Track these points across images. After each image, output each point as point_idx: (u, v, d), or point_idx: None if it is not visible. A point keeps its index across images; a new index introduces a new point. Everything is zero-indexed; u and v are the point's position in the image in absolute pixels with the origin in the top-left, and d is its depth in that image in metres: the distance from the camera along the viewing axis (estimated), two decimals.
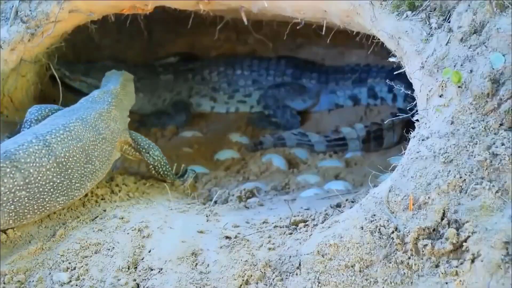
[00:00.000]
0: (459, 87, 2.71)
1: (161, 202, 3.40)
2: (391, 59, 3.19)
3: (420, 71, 2.90)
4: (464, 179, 2.56)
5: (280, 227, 3.04)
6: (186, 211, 3.33)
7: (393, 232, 2.60)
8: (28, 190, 2.89)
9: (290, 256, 2.77)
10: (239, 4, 3.73)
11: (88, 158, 3.13)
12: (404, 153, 2.85)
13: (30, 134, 3.03)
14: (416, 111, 2.95)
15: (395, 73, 3.15)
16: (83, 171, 3.10)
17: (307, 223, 3.03)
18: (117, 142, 3.38)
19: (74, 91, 4.60)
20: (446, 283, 2.45)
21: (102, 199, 3.30)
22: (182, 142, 4.72)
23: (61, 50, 4.14)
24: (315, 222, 3.02)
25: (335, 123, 4.86)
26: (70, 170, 3.04)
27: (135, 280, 2.79)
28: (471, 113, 2.66)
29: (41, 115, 3.38)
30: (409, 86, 3.06)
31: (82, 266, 2.82)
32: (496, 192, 2.49)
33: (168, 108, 5.06)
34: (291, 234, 2.96)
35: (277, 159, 4.40)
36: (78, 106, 3.40)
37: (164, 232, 3.03)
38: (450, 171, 2.59)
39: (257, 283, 2.73)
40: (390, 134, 4.47)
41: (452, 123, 2.68)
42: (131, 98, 3.75)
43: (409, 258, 2.55)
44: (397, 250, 2.58)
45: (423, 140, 2.75)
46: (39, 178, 2.92)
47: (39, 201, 2.93)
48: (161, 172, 3.60)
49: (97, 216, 3.12)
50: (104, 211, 3.16)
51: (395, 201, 2.67)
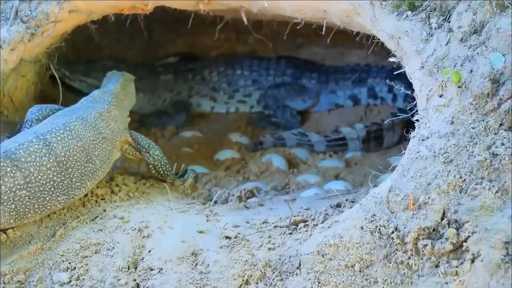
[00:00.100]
0: (459, 87, 2.71)
1: (161, 202, 3.40)
2: (391, 59, 3.19)
3: (420, 71, 2.90)
4: (464, 179, 2.56)
5: (280, 227, 3.04)
6: (186, 211, 3.33)
7: (393, 232, 2.60)
8: (28, 189, 2.90)
9: (290, 256, 2.77)
10: (239, 4, 3.73)
11: (88, 157, 3.14)
12: (404, 153, 2.85)
13: (31, 133, 3.04)
14: (416, 111, 2.95)
15: (395, 73, 3.15)
16: (83, 170, 3.10)
17: (307, 223, 3.03)
18: (117, 141, 3.39)
19: (74, 91, 4.60)
20: (446, 283, 2.45)
21: (102, 199, 3.30)
22: (182, 142, 4.72)
23: (61, 50, 4.14)
24: (315, 222, 3.02)
25: (335, 123, 4.86)
26: (70, 169, 3.04)
27: (135, 280, 2.79)
28: (471, 113, 2.66)
29: (42, 115, 3.39)
30: (409, 86, 3.06)
31: (82, 266, 2.82)
32: (496, 192, 2.49)
33: (168, 108, 5.06)
34: (291, 234, 2.96)
35: (277, 159, 4.40)
36: (78, 106, 3.41)
37: (164, 232, 3.03)
38: (450, 171, 2.59)
39: (257, 283, 2.73)
40: (390, 134, 4.47)
41: (452, 123, 2.68)
42: (131, 99, 3.75)
43: (409, 258, 2.55)
44: (397, 250, 2.58)
45: (423, 140, 2.75)
46: (39, 177, 2.93)
47: (39, 200, 2.93)
48: (161, 171, 3.60)
49: (97, 216, 3.12)
50: (104, 211, 3.16)
51: (395, 201, 2.67)
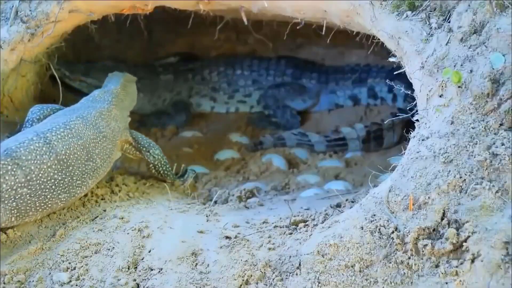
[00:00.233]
0: (459, 87, 2.71)
1: (161, 202, 3.40)
2: (391, 59, 3.19)
3: (420, 71, 2.90)
4: (464, 179, 2.56)
5: (280, 227, 3.04)
6: (186, 211, 3.33)
7: (393, 232, 2.60)
8: (29, 187, 2.91)
9: (290, 256, 2.77)
10: (239, 4, 3.73)
11: (89, 155, 3.15)
12: (404, 153, 2.85)
13: (31, 132, 3.06)
14: (416, 111, 2.95)
15: (395, 73, 3.15)
16: (84, 169, 3.11)
17: (307, 223, 3.03)
18: (118, 140, 3.39)
19: (74, 91, 4.60)
20: (446, 283, 2.45)
21: (102, 199, 3.30)
22: (182, 142, 4.72)
23: (61, 50, 4.14)
24: (315, 222, 3.02)
25: (335, 123, 4.86)
26: (71, 167, 3.05)
27: (135, 280, 2.79)
28: (471, 113, 2.66)
29: (43, 114, 3.40)
30: (409, 86, 3.06)
31: (82, 266, 2.82)
32: (496, 192, 2.49)
33: (168, 108, 5.06)
34: (291, 234, 2.96)
35: (277, 159, 4.40)
36: (79, 106, 3.42)
37: (164, 232, 3.03)
38: (450, 171, 2.59)
39: (257, 283, 2.73)
40: (390, 134, 4.47)
41: (452, 123, 2.68)
42: (132, 99, 3.76)
43: (409, 258, 2.55)
44: (397, 250, 2.58)
45: (423, 140, 2.75)
46: (40, 175, 2.94)
47: (40, 198, 2.94)
48: (161, 171, 3.61)
49: (97, 216, 3.12)
50: (104, 211, 3.16)
51: (395, 201, 2.67)
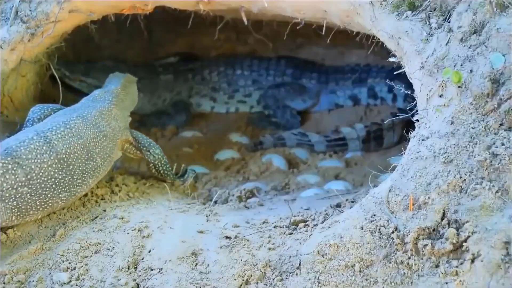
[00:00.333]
0: (459, 87, 2.71)
1: (161, 202, 3.40)
2: (391, 59, 3.19)
3: (420, 71, 2.90)
4: (464, 179, 2.56)
5: (280, 227, 3.04)
6: (186, 211, 3.33)
7: (393, 232, 2.60)
8: (30, 186, 2.91)
9: (290, 256, 2.77)
10: (239, 4, 3.73)
11: (89, 154, 3.15)
12: (404, 153, 2.85)
13: (31, 131, 3.07)
14: (416, 111, 2.95)
15: (395, 73, 3.15)
16: (84, 168, 3.12)
17: (307, 223, 3.03)
18: (118, 140, 3.40)
19: (74, 91, 4.60)
20: (446, 283, 2.45)
21: (102, 199, 3.30)
22: (182, 142, 4.72)
23: (61, 50, 4.14)
24: (315, 222, 3.02)
25: (335, 123, 4.86)
26: (71, 166, 3.06)
27: (135, 280, 2.79)
28: (471, 113, 2.66)
29: (43, 114, 3.41)
30: (409, 86, 3.06)
31: (82, 266, 2.82)
32: (496, 192, 2.49)
33: (168, 108, 5.06)
34: (291, 234, 2.96)
35: (277, 159, 4.40)
36: (79, 105, 3.43)
37: (164, 232, 3.03)
38: (450, 171, 2.59)
39: (257, 283, 2.73)
40: (390, 134, 4.47)
41: (452, 123, 2.68)
42: (133, 99, 3.77)
43: (409, 258, 2.55)
44: (397, 250, 2.58)
45: (423, 140, 2.75)
46: (40, 174, 2.94)
47: (41, 197, 2.95)
48: (161, 171, 3.61)
49: (97, 216, 3.12)
50: (104, 211, 3.16)
51: (395, 201, 2.67)
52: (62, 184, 3.01)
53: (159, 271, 2.81)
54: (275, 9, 3.65)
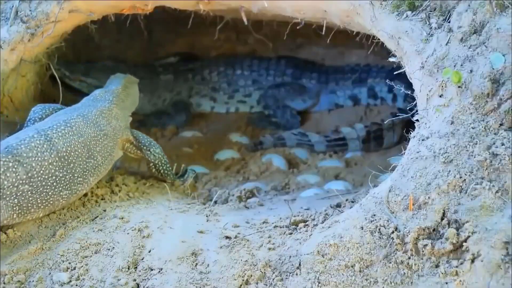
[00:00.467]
0: (459, 87, 2.71)
1: (161, 202, 3.40)
2: (391, 59, 3.19)
3: (420, 71, 2.90)
4: (464, 179, 2.56)
5: (280, 227, 3.04)
6: (186, 211, 3.33)
7: (393, 232, 2.60)
8: (31, 184, 2.92)
9: (290, 256, 2.77)
10: (239, 4, 3.73)
11: (90, 153, 3.16)
12: (404, 153, 2.85)
13: (32, 129, 3.08)
14: (416, 111, 2.95)
15: (395, 73, 3.15)
16: (85, 166, 3.13)
17: (307, 223, 3.03)
18: (119, 139, 3.41)
19: (74, 91, 4.61)
20: (446, 283, 2.45)
21: (102, 199, 3.30)
22: (182, 142, 4.72)
23: (61, 50, 4.14)
24: (315, 222, 3.02)
25: (335, 123, 4.86)
26: (72, 164, 3.07)
27: (135, 280, 2.79)
28: (471, 113, 2.66)
29: (44, 113, 3.42)
30: (409, 86, 3.06)
31: (82, 266, 2.82)
32: (496, 192, 2.49)
33: (168, 108, 5.06)
34: (291, 234, 2.96)
35: (277, 159, 4.40)
36: (80, 105, 3.45)
37: (164, 232, 3.03)
38: (450, 171, 2.59)
39: (257, 283, 2.73)
40: (390, 134, 4.47)
41: (452, 123, 2.68)
42: (133, 100, 3.78)
43: (409, 258, 2.55)
44: (397, 250, 2.58)
45: (423, 140, 2.75)
46: (41, 172, 2.95)
47: (42, 195, 2.96)
48: (161, 170, 3.61)
49: (97, 216, 3.12)
50: (104, 211, 3.16)
51: (395, 201, 2.67)
52: (63, 182, 3.02)
53: (159, 271, 2.81)
54: (275, 9, 3.65)
